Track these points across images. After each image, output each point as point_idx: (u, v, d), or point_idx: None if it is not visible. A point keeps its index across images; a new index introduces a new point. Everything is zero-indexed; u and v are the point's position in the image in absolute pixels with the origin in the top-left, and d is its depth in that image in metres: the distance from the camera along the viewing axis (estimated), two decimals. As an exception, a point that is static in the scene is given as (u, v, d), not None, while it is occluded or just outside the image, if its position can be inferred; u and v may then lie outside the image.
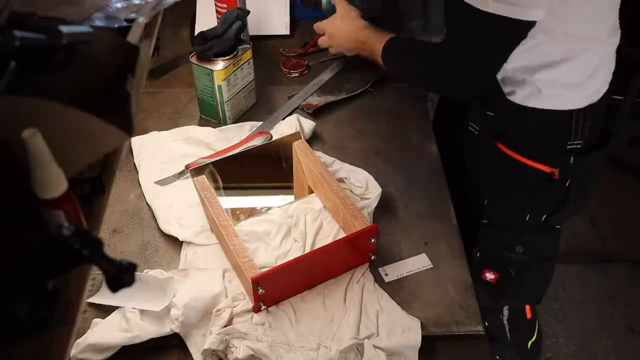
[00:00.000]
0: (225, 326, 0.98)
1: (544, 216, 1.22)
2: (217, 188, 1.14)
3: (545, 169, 1.15)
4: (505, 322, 1.45)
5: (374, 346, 0.97)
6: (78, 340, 0.96)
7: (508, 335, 1.46)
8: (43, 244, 0.51)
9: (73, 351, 0.95)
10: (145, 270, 1.07)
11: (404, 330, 0.99)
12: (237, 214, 1.17)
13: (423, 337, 0.99)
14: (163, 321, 0.99)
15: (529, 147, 1.16)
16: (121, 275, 0.52)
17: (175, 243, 1.14)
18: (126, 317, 0.99)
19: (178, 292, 1.01)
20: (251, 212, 1.18)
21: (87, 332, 0.98)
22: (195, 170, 1.13)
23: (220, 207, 1.07)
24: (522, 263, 1.28)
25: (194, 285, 1.02)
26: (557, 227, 1.27)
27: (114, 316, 1.00)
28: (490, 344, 1.05)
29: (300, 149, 1.17)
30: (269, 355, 0.95)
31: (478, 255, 1.29)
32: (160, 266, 1.10)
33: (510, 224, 1.25)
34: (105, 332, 0.98)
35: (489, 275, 1.31)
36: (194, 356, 0.97)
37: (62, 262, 0.52)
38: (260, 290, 0.97)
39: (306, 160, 1.15)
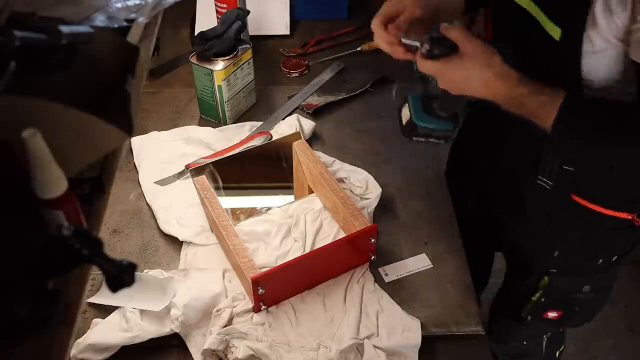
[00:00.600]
0: (225, 326, 0.98)
1: (615, 257, 1.19)
2: (217, 188, 1.14)
3: (626, 216, 1.11)
4: (544, 339, 1.45)
5: (374, 346, 0.97)
6: (78, 340, 0.96)
7: (544, 351, 1.45)
8: (43, 244, 0.51)
9: (73, 351, 0.95)
10: (145, 270, 1.07)
11: (404, 330, 0.99)
12: (237, 214, 1.17)
13: (423, 337, 0.99)
14: (163, 321, 0.99)
15: (610, 198, 1.10)
16: (121, 275, 0.52)
17: (175, 243, 1.14)
18: (126, 317, 0.99)
19: (178, 292, 1.01)
20: (251, 212, 1.18)
21: (87, 332, 0.98)
22: (195, 170, 1.13)
23: (220, 207, 1.07)
24: (587, 299, 1.26)
25: (194, 285, 1.02)
26: None
27: (114, 316, 1.00)
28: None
29: (300, 149, 1.17)
30: (269, 355, 0.95)
31: (543, 300, 1.27)
32: (160, 266, 1.10)
33: (582, 270, 1.22)
34: (105, 332, 0.98)
35: (552, 314, 1.29)
36: (194, 356, 0.97)
37: (62, 262, 0.51)
38: (260, 290, 0.97)
39: (306, 160, 1.15)
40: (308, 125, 1.33)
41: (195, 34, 1.40)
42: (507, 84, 0.95)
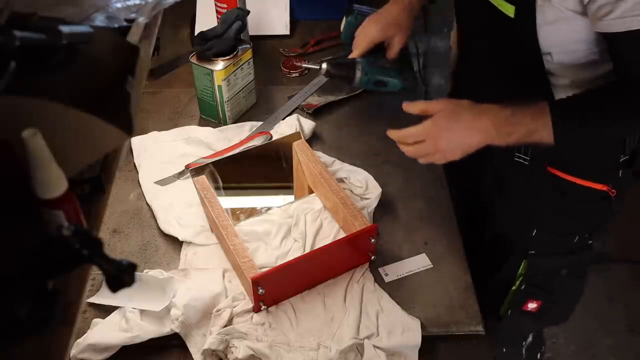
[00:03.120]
0: (225, 326, 0.98)
1: (589, 234, 1.21)
2: (217, 188, 1.14)
3: (601, 187, 1.12)
4: (524, 345, 1.43)
5: (374, 346, 0.97)
6: (78, 340, 0.96)
7: (524, 356, 1.44)
8: (43, 244, 0.51)
9: (73, 351, 0.95)
10: (145, 270, 1.07)
11: (404, 330, 0.99)
12: (237, 214, 1.17)
13: (423, 337, 0.99)
14: (163, 321, 0.99)
15: (585, 168, 1.12)
16: (121, 275, 0.52)
17: (175, 243, 1.14)
18: (126, 317, 0.99)
19: (178, 292, 1.01)
20: (251, 212, 1.18)
21: (87, 332, 0.98)
22: (195, 170, 1.13)
23: (220, 207, 1.07)
24: (565, 285, 1.26)
25: (194, 285, 1.02)
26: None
27: (114, 316, 1.00)
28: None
29: (300, 149, 1.17)
30: (269, 355, 0.95)
31: (523, 287, 1.26)
32: (160, 266, 1.10)
33: (559, 249, 1.22)
34: (105, 332, 0.98)
35: (531, 305, 1.29)
36: (194, 356, 0.97)
37: (62, 262, 0.51)
38: (260, 290, 0.97)
39: (306, 160, 1.15)
40: (308, 125, 1.33)
41: (195, 34, 1.40)
42: (490, 115, 0.96)
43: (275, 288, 0.99)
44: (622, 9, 0.87)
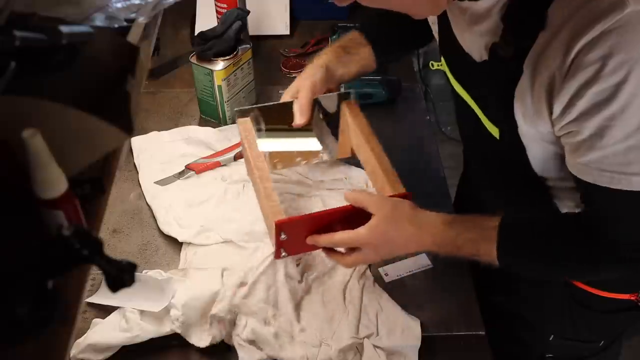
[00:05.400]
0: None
1: (618, 337, 1.14)
2: (259, 130, 1.12)
3: (628, 297, 1.03)
4: None
5: (374, 346, 0.97)
6: (78, 340, 0.96)
7: None
8: (43, 244, 0.51)
9: (73, 351, 0.95)
10: (144, 271, 1.07)
11: (404, 330, 0.99)
12: (275, 162, 1.16)
13: (423, 337, 0.99)
14: (163, 321, 0.99)
15: (610, 281, 1.02)
16: (121, 275, 0.52)
17: (175, 243, 1.14)
18: (126, 317, 0.99)
19: (177, 292, 1.01)
20: (289, 163, 1.17)
21: (87, 332, 0.98)
22: (241, 112, 1.11)
23: (259, 151, 1.06)
24: None
25: (193, 285, 1.02)
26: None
27: (114, 316, 1.00)
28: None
29: (349, 110, 1.14)
30: (272, 344, 0.94)
31: None
32: (160, 266, 1.10)
33: (582, 352, 1.14)
34: (105, 332, 0.98)
35: None
36: (196, 344, 0.97)
37: (62, 262, 0.51)
38: (283, 236, 0.95)
39: (353, 121, 1.13)
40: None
41: (195, 34, 1.40)
42: (434, 232, 0.93)
43: (296, 237, 0.97)
44: (590, 157, 0.77)
